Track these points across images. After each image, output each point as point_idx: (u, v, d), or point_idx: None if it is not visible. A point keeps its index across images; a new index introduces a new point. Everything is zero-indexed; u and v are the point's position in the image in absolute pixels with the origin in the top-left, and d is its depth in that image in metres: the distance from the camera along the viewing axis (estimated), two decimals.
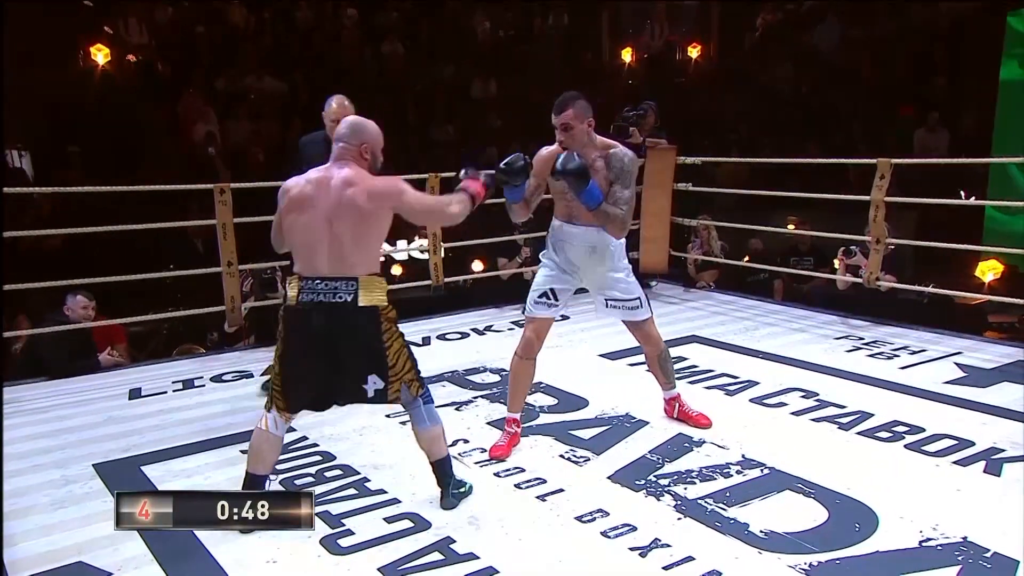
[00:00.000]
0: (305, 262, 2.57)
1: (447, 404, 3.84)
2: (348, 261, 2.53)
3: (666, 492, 2.87)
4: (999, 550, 2.41)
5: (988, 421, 3.42)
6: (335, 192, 2.54)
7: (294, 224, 2.58)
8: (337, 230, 2.52)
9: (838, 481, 2.87)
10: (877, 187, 4.87)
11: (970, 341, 4.67)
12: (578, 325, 5.32)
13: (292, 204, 2.59)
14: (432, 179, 5.25)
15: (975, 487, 2.86)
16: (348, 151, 2.62)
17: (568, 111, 3.02)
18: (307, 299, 2.53)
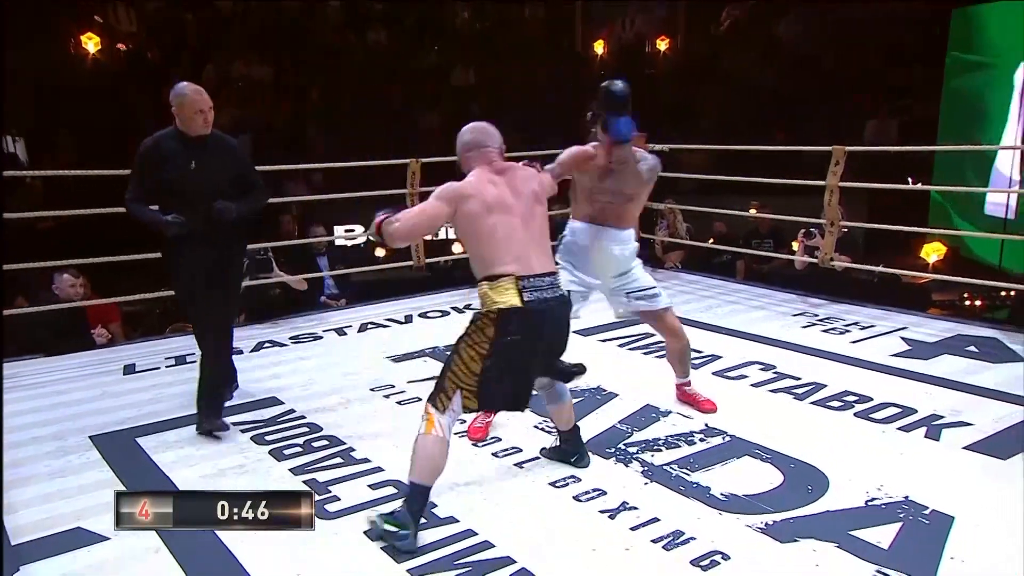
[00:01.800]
0: (518, 263, 2.40)
1: (429, 378, 3.83)
2: (549, 255, 2.52)
3: (634, 459, 2.91)
4: (937, 507, 2.48)
5: (930, 391, 3.49)
6: (525, 192, 2.49)
7: (495, 226, 2.41)
8: (537, 224, 2.49)
9: (793, 447, 2.93)
10: (832, 173, 4.92)
11: (915, 317, 4.75)
12: None
13: (488, 207, 2.42)
14: (414, 164, 5.22)
15: (917, 451, 2.93)
16: (497, 152, 2.56)
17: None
18: (534, 297, 2.38)
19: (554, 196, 2.77)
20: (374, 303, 5.45)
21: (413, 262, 5.45)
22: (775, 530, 2.39)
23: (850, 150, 4.96)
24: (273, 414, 3.42)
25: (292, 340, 4.62)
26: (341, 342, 4.60)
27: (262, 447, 3.08)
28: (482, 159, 2.53)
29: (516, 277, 2.38)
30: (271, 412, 3.44)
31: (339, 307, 5.47)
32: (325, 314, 5.24)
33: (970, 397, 3.40)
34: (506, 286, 2.37)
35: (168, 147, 3.05)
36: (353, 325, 4.91)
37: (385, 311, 5.24)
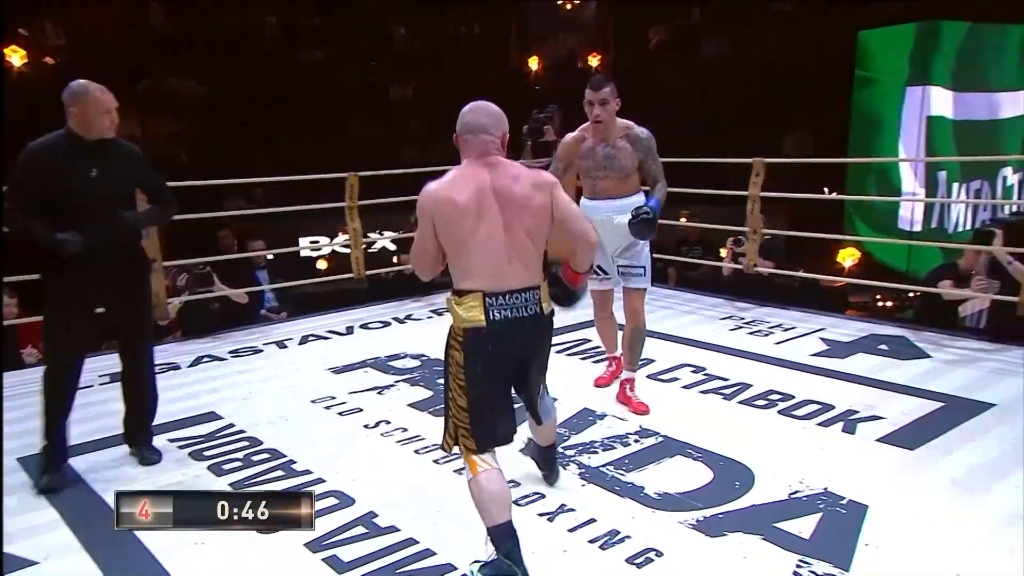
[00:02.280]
0: (489, 277, 2.14)
1: (370, 389, 3.82)
2: (532, 268, 2.19)
3: (571, 462, 2.93)
4: (853, 497, 2.58)
5: (846, 388, 3.63)
6: (516, 191, 2.15)
7: (469, 232, 2.12)
8: (518, 236, 2.15)
9: (722, 445, 3.01)
10: (753, 183, 5.08)
11: (832, 318, 4.93)
12: None
13: (463, 211, 2.11)
14: (352, 178, 5.17)
15: (835, 445, 3.04)
16: (494, 143, 2.21)
17: (607, 87, 3.13)
18: (502, 316, 2.14)
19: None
20: (315, 315, 5.36)
21: (353, 274, 5.38)
22: (705, 525, 2.45)
23: (769, 162, 5.13)
24: (211, 429, 3.33)
25: (232, 354, 4.51)
26: (282, 355, 4.51)
27: (200, 463, 3.00)
28: (476, 147, 2.20)
29: (484, 294, 2.14)
30: (209, 427, 3.34)
31: (280, 320, 5.37)
32: (266, 327, 5.13)
33: (882, 392, 3.55)
34: (471, 303, 2.15)
35: (60, 153, 2.68)
36: (294, 338, 4.82)
37: (326, 323, 5.16)
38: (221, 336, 4.85)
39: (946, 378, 3.73)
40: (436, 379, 3.93)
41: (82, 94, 2.70)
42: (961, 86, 7.81)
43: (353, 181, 5.17)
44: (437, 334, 4.82)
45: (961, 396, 3.47)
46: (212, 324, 4.97)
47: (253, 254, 5.65)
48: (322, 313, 5.39)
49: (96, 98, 2.71)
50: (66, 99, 2.72)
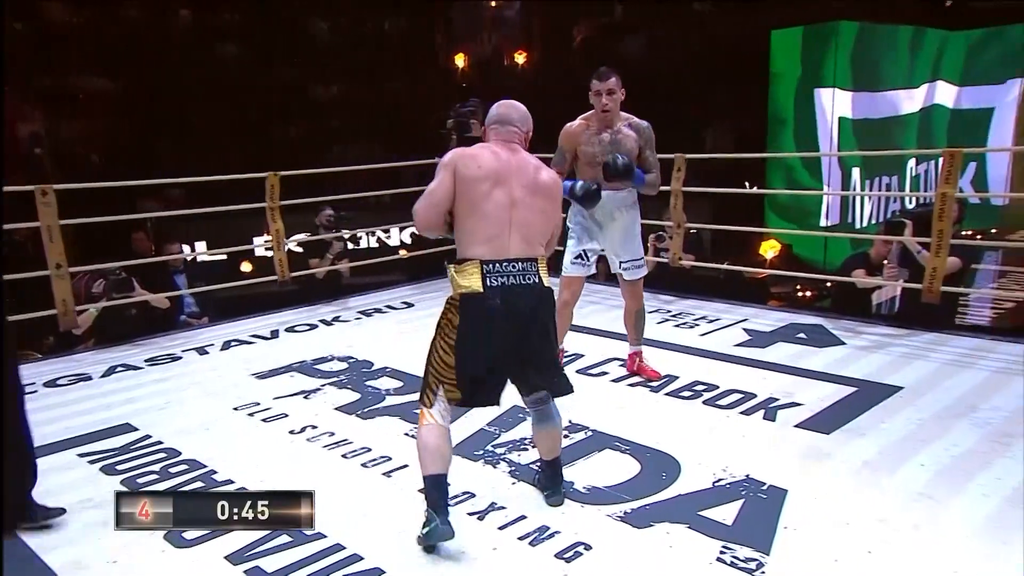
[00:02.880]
0: (489, 245, 2.27)
1: (295, 393, 3.72)
2: (533, 243, 2.33)
3: (502, 460, 2.93)
4: (773, 483, 2.66)
5: (767, 376, 3.76)
6: (528, 174, 2.34)
7: (483, 196, 2.26)
8: (524, 213, 2.31)
9: (649, 437, 3.06)
10: (675, 178, 5.19)
11: (755, 309, 5.10)
12: (424, 312, 5.30)
13: (483, 174, 2.28)
14: (272, 178, 5.03)
15: (756, 432, 3.14)
16: (518, 135, 2.44)
17: (613, 78, 3.28)
18: (498, 283, 2.25)
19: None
20: (238, 319, 5.21)
21: (277, 276, 5.24)
22: (633, 517, 2.48)
23: (689, 157, 5.25)
24: (126, 441, 3.18)
25: (148, 362, 4.32)
26: (202, 361, 4.36)
27: (113, 478, 2.86)
28: (502, 135, 2.42)
29: (482, 262, 2.26)
30: (124, 440, 3.20)
31: (201, 326, 5.18)
32: (185, 333, 4.95)
33: (800, 379, 3.68)
34: (470, 270, 2.27)
35: None
36: (215, 343, 4.66)
37: (250, 327, 5.01)
38: (138, 344, 4.65)
39: (859, 364, 3.90)
40: (364, 381, 3.87)
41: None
42: (860, 85, 8.18)
43: (273, 181, 5.04)
44: (365, 336, 4.81)
45: (872, 381, 3.63)
46: (129, 332, 4.76)
47: (170, 257, 5.43)
48: (246, 317, 5.23)
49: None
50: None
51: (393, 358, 4.20)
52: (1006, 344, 4.13)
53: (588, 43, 11.28)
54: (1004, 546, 2.27)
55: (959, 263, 4.51)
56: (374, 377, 3.93)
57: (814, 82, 8.14)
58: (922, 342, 4.21)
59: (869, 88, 8.29)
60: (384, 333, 4.83)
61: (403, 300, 5.64)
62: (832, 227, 8.16)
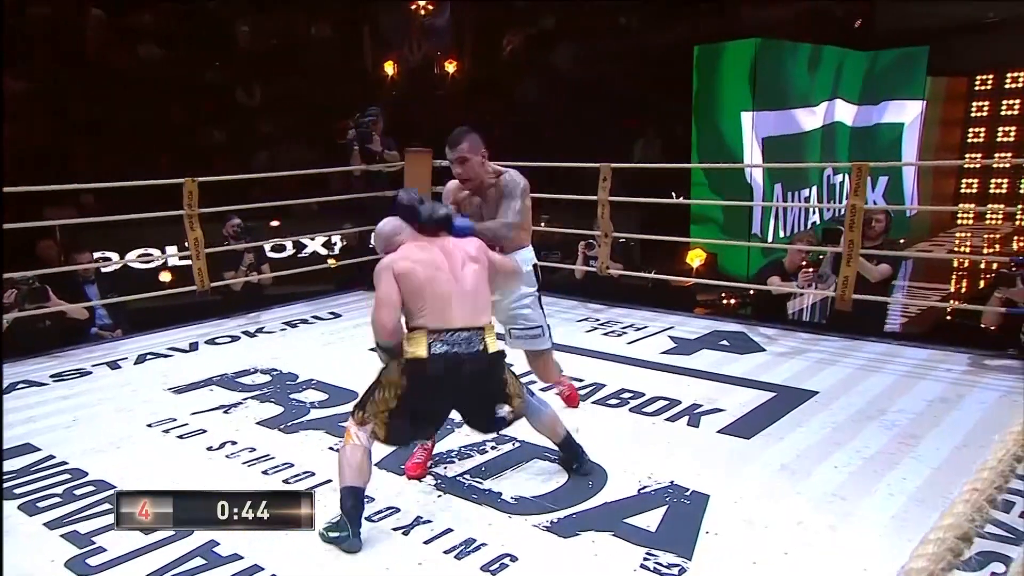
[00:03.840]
0: (434, 315, 2.44)
1: (215, 408, 3.60)
2: (478, 312, 2.49)
3: (428, 473, 2.89)
4: (696, 488, 2.72)
5: (691, 383, 3.84)
6: (456, 252, 2.53)
7: (422, 282, 2.45)
8: (463, 283, 2.49)
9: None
10: (602, 188, 5.27)
11: (680, 317, 5.21)
12: (351, 322, 5.23)
13: (416, 263, 2.47)
14: (189, 184, 4.85)
15: (680, 438, 3.20)
16: (419, 228, 2.58)
17: (463, 144, 2.92)
18: (442, 350, 2.41)
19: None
20: (155, 331, 5.00)
21: (196, 286, 5.05)
22: (559, 527, 2.49)
23: (615, 167, 5.34)
24: (25, 463, 3.00)
25: (54, 378, 4.10)
26: (114, 376, 4.16)
27: (9, 502, 2.68)
28: (410, 236, 2.57)
29: (428, 331, 2.42)
30: (23, 461, 3.01)
31: (114, 338, 4.95)
32: (97, 347, 4.72)
33: (723, 386, 3.78)
34: (417, 338, 2.43)
35: None
36: (129, 357, 4.46)
37: (167, 340, 4.82)
38: (45, 358, 4.40)
39: (778, 369, 4.03)
40: (288, 394, 3.77)
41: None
42: (762, 104, 8.49)
43: (191, 187, 4.86)
44: (290, 347, 4.69)
45: (790, 386, 3.76)
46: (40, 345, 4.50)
47: (81, 267, 5.17)
48: (163, 329, 5.03)
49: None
50: None
51: (318, 370, 4.11)
52: (911, 349, 4.34)
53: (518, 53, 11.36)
54: (909, 543, 2.34)
55: (889, 270, 4.74)
56: (299, 390, 3.84)
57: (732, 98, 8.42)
58: (836, 348, 4.39)
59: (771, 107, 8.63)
60: (309, 344, 4.73)
61: (330, 310, 5.53)
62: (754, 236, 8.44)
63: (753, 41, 8.32)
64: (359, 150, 5.99)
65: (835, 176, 9.96)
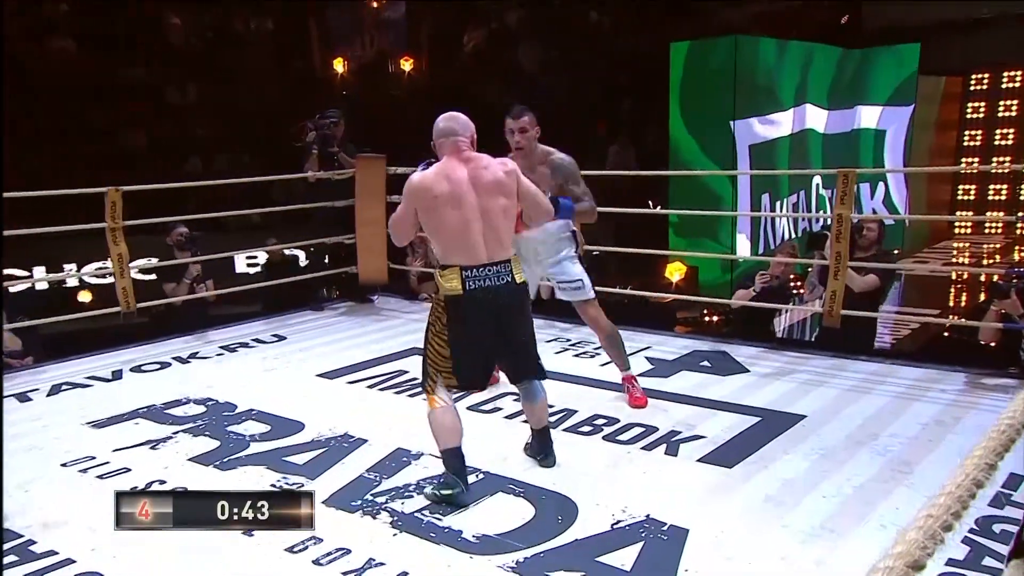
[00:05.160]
0: (465, 253, 2.86)
1: (141, 444, 3.55)
2: (504, 245, 2.92)
3: (383, 509, 2.90)
4: (674, 522, 2.76)
5: (669, 407, 3.89)
6: (486, 181, 2.89)
7: (444, 220, 2.86)
8: (489, 220, 2.87)
9: (544, 478, 3.10)
10: None
11: (659, 336, 5.27)
12: (297, 345, 5.20)
13: (440, 201, 2.85)
14: (112, 193, 4.79)
15: (657, 468, 3.24)
16: (465, 143, 2.96)
17: (526, 117, 3.57)
18: (477, 285, 2.85)
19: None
20: (72, 359, 4.91)
21: (120, 307, 4.98)
22: (525, 567, 2.51)
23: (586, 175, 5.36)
24: None
25: None
26: (23, 410, 4.08)
27: None
28: (451, 147, 2.94)
29: (461, 267, 2.86)
30: None
31: (23, 367, 4.84)
32: (4, 376, 4.60)
33: (703, 410, 3.83)
34: (451, 275, 2.88)
35: None
36: (41, 388, 4.38)
37: (86, 368, 4.75)
38: None
39: (763, 392, 4.11)
40: (225, 427, 3.74)
41: None
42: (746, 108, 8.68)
43: (115, 197, 4.80)
44: (227, 374, 4.65)
45: (776, 409, 3.84)
46: None
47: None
48: (82, 356, 4.94)
49: None
50: None
51: (260, 399, 4.08)
52: (905, 368, 4.46)
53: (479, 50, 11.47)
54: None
55: (876, 281, 4.85)
56: (237, 421, 3.81)
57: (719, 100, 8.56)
58: (824, 367, 4.49)
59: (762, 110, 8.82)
60: (250, 371, 4.69)
61: (273, 332, 5.49)
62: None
63: (733, 38, 8.51)
64: (317, 154, 5.95)
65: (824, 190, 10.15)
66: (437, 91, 10.91)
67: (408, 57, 11.49)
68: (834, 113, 10.26)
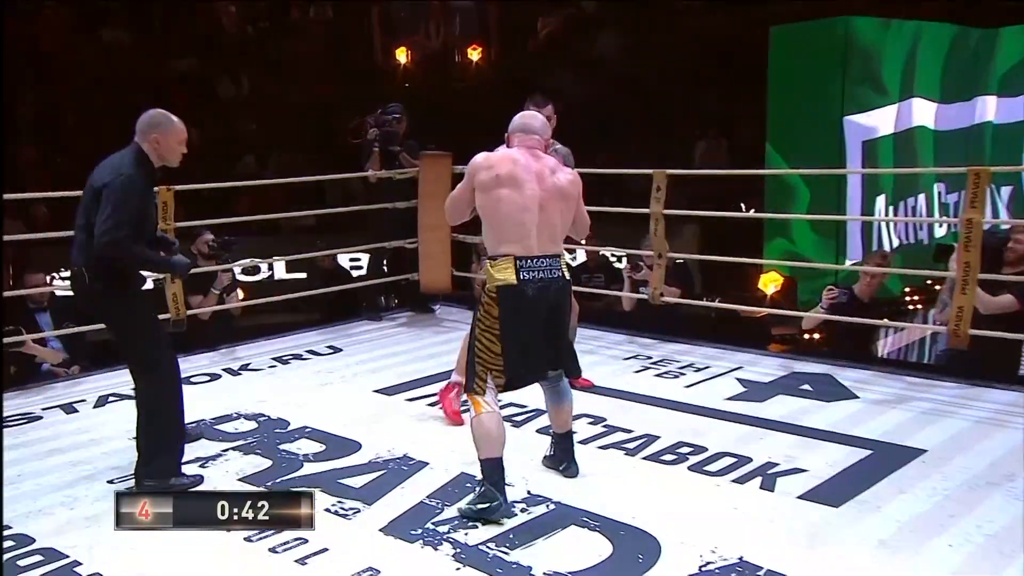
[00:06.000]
0: (520, 243, 3.03)
1: (190, 461, 3.63)
2: (556, 241, 3.14)
3: (445, 540, 2.90)
4: (772, 567, 2.68)
5: (764, 436, 3.81)
6: (549, 181, 3.09)
7: (500, 200, 3.03)
8: (546, 214, 3.07)
9: (623, 511, 3.06)
10: (655, 199, 5.28)
11: (751, 355, 5.17)
12: (353, 358, 5.28)
13: (499, 180, 3.03)
14: (164, 193, 4.95)
15: (751, 504, 3.16)
16: (539, 142, 3.19)
17: (550, 105, 3.85)
18: (530, 276, 3.02)
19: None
20: (119, 369, 5.04)
21: (170, 315, 5.14)
22: None
23: (672, 174, 5.35)
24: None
25: None
26: (69, 422, 4.24)
27: None
28: (525, 142, 3.16)
29: (515, 257, 3.02)
30: None
31: (69, 377, 5.04)
32: (49, 387, 4.81)
33: (804, 440, 3.74)
34: (504, 265, 3.03)
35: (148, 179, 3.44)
36: (88, 399, 4.55)
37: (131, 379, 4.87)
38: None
39: (874, 421, 3.98)
40: (277, 445, 3.81)
41: (167, 123, 3.42)
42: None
43: (166, 197, 4.96)
44: (280, 388, 4.74)
45: (890, 442, 3.71)
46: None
47: (33, 291, 5.29)
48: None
49: (179, 128, 3.46)
50: (147, 127, 3.38)
51: (314, 416, 4.15)
52: None
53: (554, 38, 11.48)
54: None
55: (1014, 304, 4.45)
56: (290, 439, 3.88)
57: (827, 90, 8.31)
58: (949, 396, 4.33)
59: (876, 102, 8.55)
60: (303, 385, 4.77)
61: (328, 344, 5.59)
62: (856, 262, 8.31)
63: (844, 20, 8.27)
64: (379, 152, 6.04)
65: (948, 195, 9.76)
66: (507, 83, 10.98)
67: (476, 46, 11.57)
68: (949, 107, 9.87)
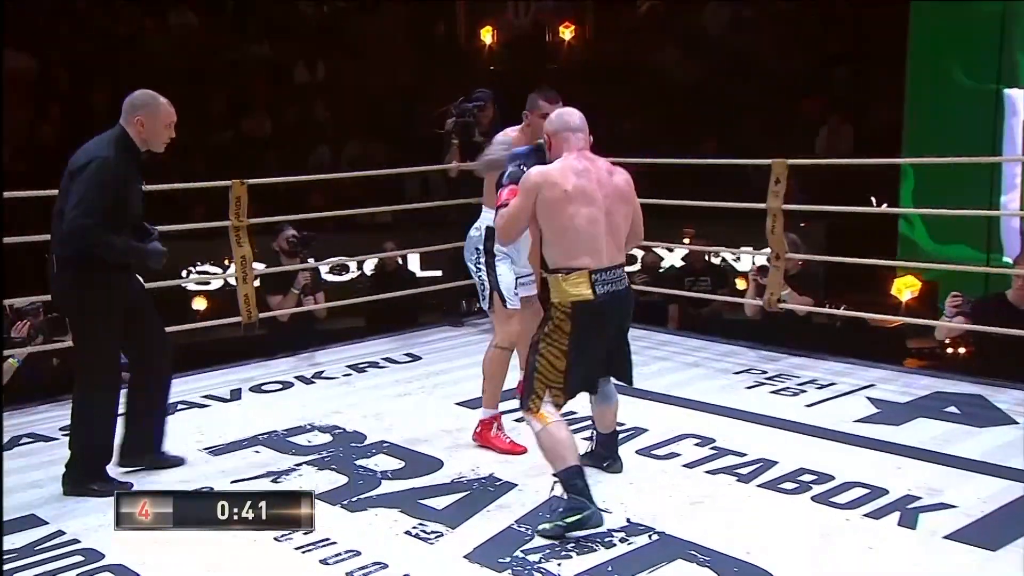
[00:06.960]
0: (593, 256, 3.15)
1: (261, 475, 3.75)
2: (622, 249, 3.30)
3: (536, 571, 2.91)
4: None
5: (903, 464, 3.70)
6: (609, 185, 3.23)
7: (574, 216, 3.14)
8: (613, 221, 3.22)
9: (736, 545, 3.02)
10: (773, 193, 5.18)
11: (884, 371, 5.05)
12: (433, 367, 5.35)
13: (569, 196, 3.14)
14: (238, 187, 5.12)
15: (889, 543, 3.07)
16: (588, 141, 3.31)
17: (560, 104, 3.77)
18: (605, 290, 3.15)
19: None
20: (186, 375, 5.25)
21: (242, 318, 5.30)
22: None
23: (793, 163, 5.24)
24: (29, 540, 3.19)
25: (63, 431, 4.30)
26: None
27: None
28: (576, 144, 3.26)
29: (590, 271, 3.14)
30: (26, 537, 3.20)
31: None
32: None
33: (951, 471, 3.62)
34: (578, 279, 3.14)
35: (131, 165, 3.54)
36: None
37: (202, 385, 5.08)
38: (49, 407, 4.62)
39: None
40: (354, 460, 3.89)
41: (152, 104, 3.47)
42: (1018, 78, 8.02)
43: (240, 192, 5.13)
44: (356, 398, 4.84)
45: None
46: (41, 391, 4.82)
47: None
48: (196, 372, 5.29)
49: (166, 111, 3.50)
50: (132, 107, 3.47)
51: (392, 429, 4.22)
52: None
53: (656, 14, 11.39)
54: None
55: None
56: (367, 454, 3.95)
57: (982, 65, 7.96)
58: None
59: None
60: (380, 395, 4.86)
61: (407, 351, 5.67)
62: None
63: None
64: (458, 145, 6.09)
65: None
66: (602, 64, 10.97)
67: (569, 24, 11.58)
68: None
